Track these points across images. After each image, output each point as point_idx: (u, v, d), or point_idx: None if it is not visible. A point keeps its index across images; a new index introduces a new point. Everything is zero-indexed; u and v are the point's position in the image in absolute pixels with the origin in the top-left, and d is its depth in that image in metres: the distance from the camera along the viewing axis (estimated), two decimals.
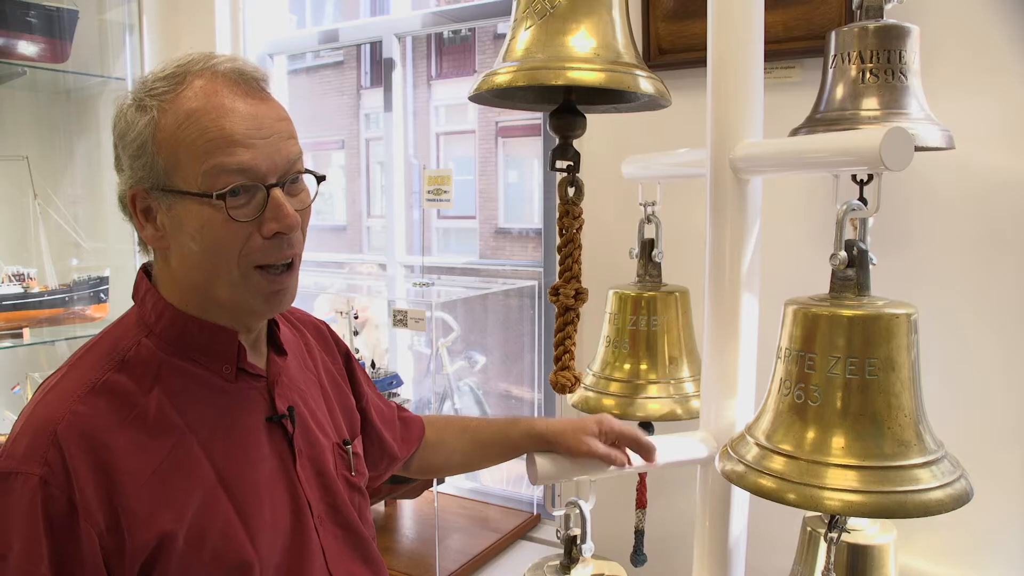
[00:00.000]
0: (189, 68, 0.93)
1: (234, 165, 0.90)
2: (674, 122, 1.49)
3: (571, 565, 1.24)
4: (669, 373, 1.50)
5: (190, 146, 0.90)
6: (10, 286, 2.34)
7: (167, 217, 0.95)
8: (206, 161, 0.90)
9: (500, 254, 6.81)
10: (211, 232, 0.92)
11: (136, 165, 0.93)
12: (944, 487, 0.95)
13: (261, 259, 0.95)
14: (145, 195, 0.95)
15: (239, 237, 0.93)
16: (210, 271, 0.95)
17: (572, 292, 1.19)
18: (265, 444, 1.03)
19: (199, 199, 0.91)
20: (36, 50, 2.37)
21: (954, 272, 1.53)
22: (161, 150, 0.91)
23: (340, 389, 1.24)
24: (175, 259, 0.98)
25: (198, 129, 0.90)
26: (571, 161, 1.18)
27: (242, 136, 0.91)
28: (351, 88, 7.63)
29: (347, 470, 1.15)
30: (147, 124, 0.91)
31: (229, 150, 0.90)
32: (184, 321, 0.99)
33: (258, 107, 0.94)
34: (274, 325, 1.10)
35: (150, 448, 0.91)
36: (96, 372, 0.94)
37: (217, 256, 0.94)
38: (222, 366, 1.00)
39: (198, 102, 0.91)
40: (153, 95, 0.92)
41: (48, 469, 0.85)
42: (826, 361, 1.00)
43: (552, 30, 1.09)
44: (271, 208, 0.93)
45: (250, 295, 0.97)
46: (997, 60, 1.46)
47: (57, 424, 0.88)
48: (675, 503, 1.71)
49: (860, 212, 1.03)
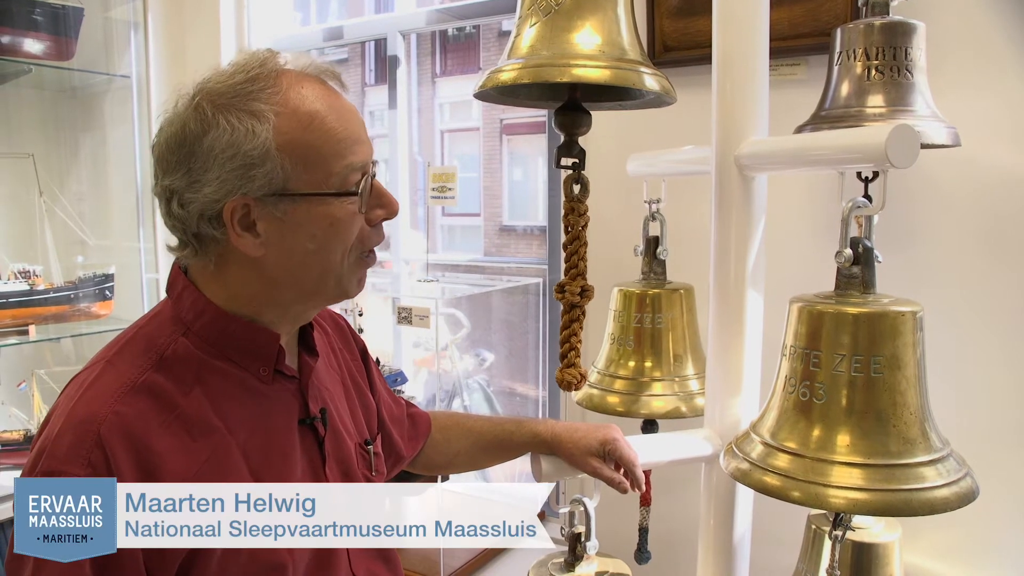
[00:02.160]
0: (275, 67, 0.93)
1: (359, 162, 0.95)
2: (679, 119, 1.49)
3: (575, 562, 1.24)
4: (674, 371, 1.50)
5: (320, 149, 0.92)
6: (16, 283, 2.34)
7: (276, 223, 0.93)
8: (338, 161, 0.93)
9: (505, 251, 6.80)
10: (337, 228, 0.94)
11: (246, 175, 0.90)
12: (950, 485, 0.95)
13: (370, 244, 1.00)
14: (250, 204, 0.92)
15: (357, 229, 0.97)
16: (324, 267, 0.96)
17: (578, 289, 1.19)
18: (297, 446, 1.03)
19: (326, 199, 0.93)
20: (41, 48, 2.38)
21: (960, 270, 1.53)
22: (285, 155, 0.90)
23: (360, 388, 1.24)
24: (274, 264, 0.95)
25: (324, 131, 0.92)
26: (576, 158, 1.17)
27: (357, 132, 0.96)
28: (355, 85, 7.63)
29: (368, 470, 1.15)
30: (269, 130, 0.90)
31: (354, 149, 0.95)
32: (226, 321, 0.97)
33: (350, 104, 0.98)
34: (307, 326, 1.10)
35: (192, 450, 0.91)
36: (135, 370, 0.92)
37: (336, 250, 0.96)
38: (260, 367, 1.00)
39: (318, 104, 0.93)
40: (260, 100, 0.90)
41: (92, 470, 0.85)
42: (831, 359, 1.00)
43: (557, 27, 1.09)
44: (376, 196, 0.98)
45: (353, 282, 1.01)
46: (1003, 57, 1.46)
47: (100, 424, 0.86)
48: (680, 501, 1.71)
49: (865, 209, 1.03)
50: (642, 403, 1.47)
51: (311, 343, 1.09)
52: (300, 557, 0.98)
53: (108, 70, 2.60)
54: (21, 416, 2.44)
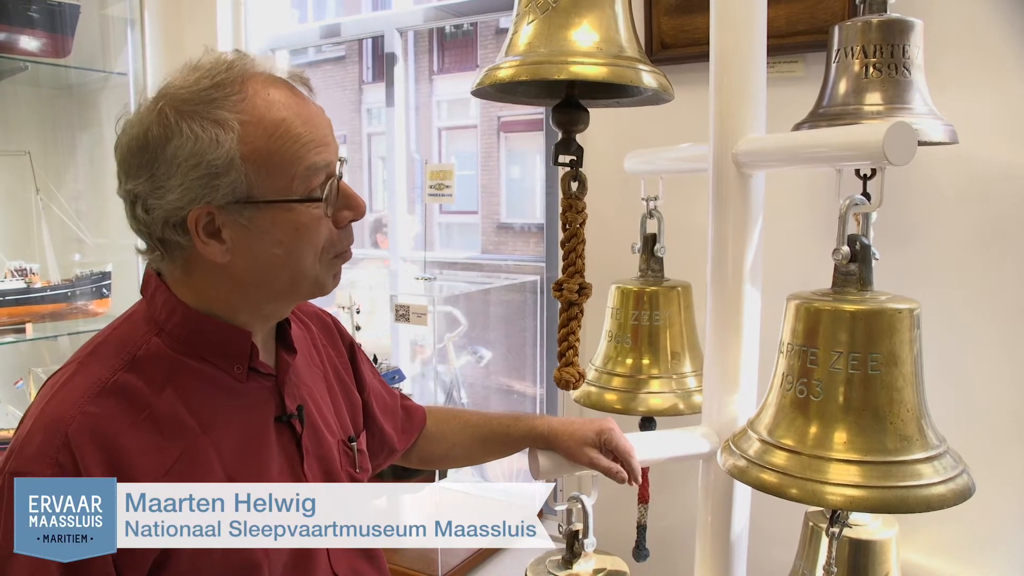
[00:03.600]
0: (242, 72, 0.92)
1: (322, 164, 0.94)
2: (677, 117, 1.48)
3: (573, 560, 1.24)
4: (671, 368, 1.50)
5: (284, 155, 0.91)
6: (13, 281, 2.34)
7: (241, 230, 0.92)
8: (300, 165, 0.92)
9: (502, 249, 6.80)
10: (304, 233, 0.94)
11: (209, 184, 0.89)
12: (946, 482, 0.96)
13: (340, 248, 1.00)
14: (214, 212, 0.91)
15: (325, 233, 0.96)
16: (295, 270, 0.96)
17: (576, 287, 1.19)
18: (274, 444, 1.02)
19: (292, 205, 0.92)
20: (38, 45, 2.37)
21: (957, 267, 1.53)
22: (249, 164, 0.90)
23: (345, 385, 1.24)
24: (240, 269, 0.95)
25: (291, 137, 0.91)
26: (574, 156, 1.17)
27: (322, 137, 0.95)
28: (353, 83, 7.62)
29: (351, 467, 1.15)
30: (233, 140, 0.89)
31: (319, 150, 0.94)
32: (199, 320, 0.97)
33: (317, 107, 0.97)
34: (285, 322, 1.10)
35: (163, 449, 0.91)
36: (106, 371, 0.92)
37: (305, 255, 0.95)
38: (234, 365, 1.00)
39: (284, 111, 0.92)
40: (225, 108, 0.89)
41: (60, 471, 0.84)
42: (828, 356, 1.00)
43: (555, 24, 1.09)
44: (343, 198, 0.97)
45: (328, 280, 1.01)
46: (1001, 55, 1.46)
47: (68, 425, 0.86)
48: (677, 498, 1.71)
49: (863, 207, 1.03)
50: (640, 400, 1.47)
51: (289, 340, 1.09)
52: (276, 557, 0.97)
53: (105, 67, 2.59)
54: (17, 414, 2.44)
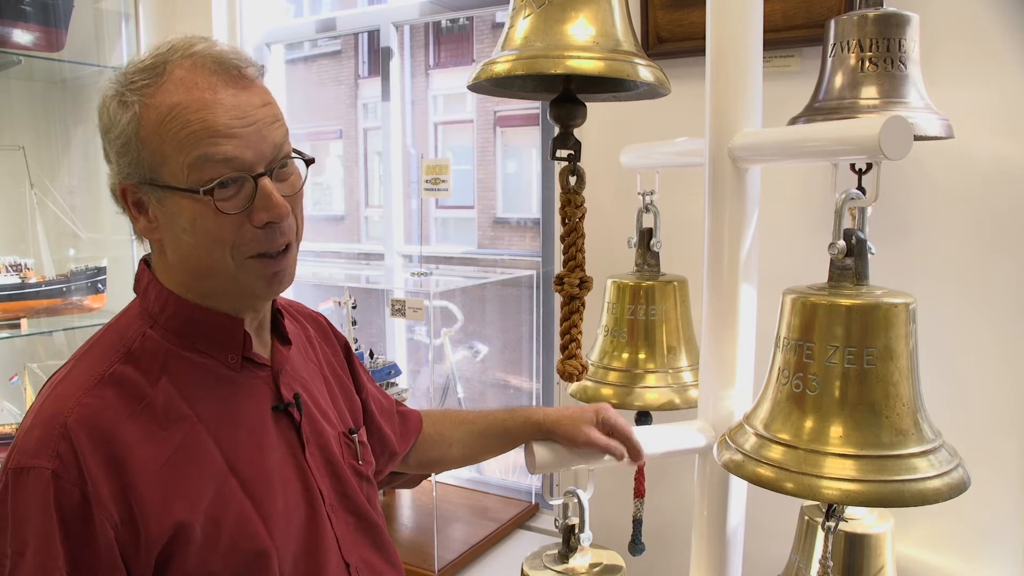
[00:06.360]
0: (169, 57, 0.92)
1: (219, 157, 0.89)
2: (673, 111, 1.48)
3: (569, 554, 1.24)
4: (667, 362, 1.50)
5: (174, 141, 0.89)
6: (7, 276, 2.33)
7: (159, 210, 0.94)
8: (190, 154, 0.89)
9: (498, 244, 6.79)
10: (203, 226, 0.91)
11: (123, 161, 0.93)
12: (941, 476, 0.96)
13: (255, 249, 0.94)
14: (135, 189, 0.94)
15: (231, 229, 0.92)
16: (207, 262, 0.95)
17: (577, 281, 1.19)
18: (273, 433, 1.03)
19: (186, 194, 0.90)
20: (31, 39, 2.36)
21: (953, 261, 1.53)
22: (146, 146, 0.90)
23: (343, 382, 1.24)
24: (171, 250, 0.97)
25: (180, 123, 0.89)
26: (572, 150, 1.17)
27: (225, 127, 0.89)
28: (349, 77, 7.59)
29: (354, 459, 1.15)
30: (130, 120, 0.90)
31: (212, 141, 0.89)
32: (190, 309, 0.98)
33: (239, 95, 0.91)
34: (278, 315, 1.10)
35: (161, 438, 0.91)
36: (103, 364, 0.93)
37: (212, 248, 0.93)
38: (228, 355, 1.00)
39: (180, 96, 0.89)
40: (134, 89, 0.91)
41: (60, 462, 0.85)
42: (824, 350, 1.00)
43: (551, 18, 1.09)
44: (260, 198, 0.92)
45: (251, 281, 0.96)
46: (997, 49, 1.46)
47: (66, 417, 0.87)
48: (673, 492, 1.72)
49: (859, 201, 1.03)
50: (636, 395, 1.47)
51: (283, 331, 1.10)
52: (284, 544, 0.97)
53: (99, 61, 2.57)
54: (13, 410, 2.43)
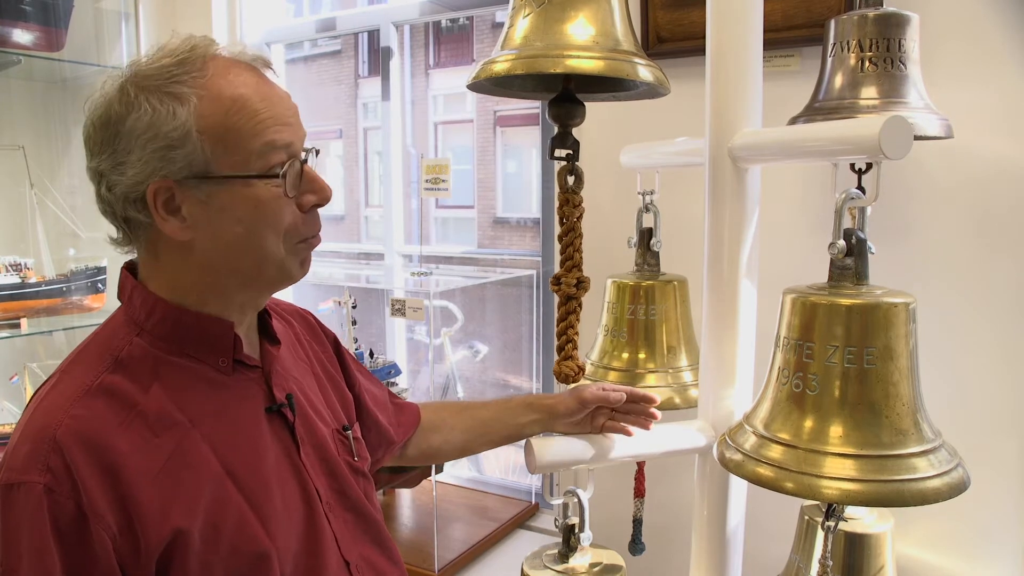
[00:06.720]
0: (203, 52, 0.93)
1: (281, 143, 0.94)
2: (673, 111, 1.48)
3: (569, 554, 1.24)
4: (667, 362, 1.50)
5: (240, 130, 0.91)
6: (7, 276, 2.33)
7: (200, 206, 0.93)
8: (257, 141, 0.92)
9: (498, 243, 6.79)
10: (263, 211, 0.94)
11: (166, 157, 0.90)
12: (941, 476, 0.96)
13: (304, 233, 0.99)
14: (172, 187, 0.92)
15: (291, 211, 0.96)
16: (259, 253, 0.96)
17: (574, 281, 1.19)
18: (267, 434, 1.02)
19: (249, 181, 0.92)
20: (31, 38, 2.36)
21: (953, 261, 1.53)
22: (206, 137, 0.90)
23: (334, 379, 1.24)
24: (204, 249, 0.95)
25: (249, 113, 0.92)
26: (571, 150, 1.17)
27: (282, 115, 0.95)
28: (349, 77, 7.59)
29: (349, 455, 1.15)
30: (190, 113, 0.90)
31: (277, 129, 0.94)
32: (178, 314, 0.97)
33: (281, 90, 0.98)
34: (266, 315, 1.10)
35: (154, 445, 0.90)
36: (90, 375, 0.92)
37: (266, 235, 0.95)
38: (218, 359, 0.99)
39: (243, 88, 0.92)
40: (184, 83, 0.90)
41: (52, 476, 0.83)
42: (824, 350, 1.00)
43: (550, 18, 1.09)
44: (307, 181, 0.98)
45: (294, 267, 1.01)
46: (997, 49, 1.46)
47: (55, 430, 0.85)
48: (673, 492, 1.72)
49: (859, 201, 1.03)
50: None
51: (272, 332, 1.10)
52: (284, 545, 0.97)
53: (99, 61, 2.57)
54: (13, 410, 2.43)
